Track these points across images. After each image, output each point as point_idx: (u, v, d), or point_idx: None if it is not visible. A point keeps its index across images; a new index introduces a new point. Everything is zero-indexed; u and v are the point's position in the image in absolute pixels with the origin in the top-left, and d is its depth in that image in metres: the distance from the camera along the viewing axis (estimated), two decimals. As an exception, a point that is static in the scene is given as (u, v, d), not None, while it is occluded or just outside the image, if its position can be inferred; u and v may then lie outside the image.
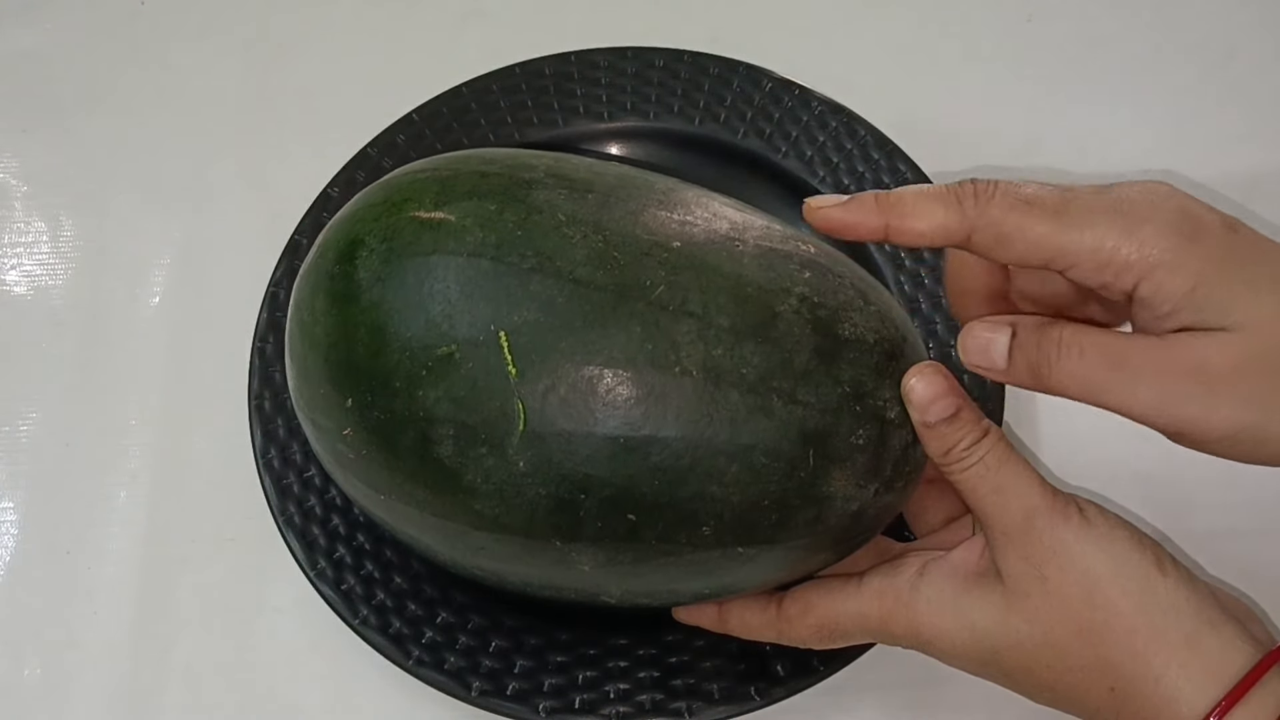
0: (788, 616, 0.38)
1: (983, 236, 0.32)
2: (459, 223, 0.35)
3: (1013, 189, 0.32)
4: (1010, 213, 0.31)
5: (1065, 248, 0.31)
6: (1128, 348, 0.32)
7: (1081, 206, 0.31)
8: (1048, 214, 0.31)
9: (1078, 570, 0.33)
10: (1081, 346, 0.32)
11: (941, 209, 0.32)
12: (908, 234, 0.33)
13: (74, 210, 0.57)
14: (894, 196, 0.33)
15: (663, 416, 0.33)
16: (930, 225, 0.32)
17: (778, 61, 0.55)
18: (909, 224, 0.33)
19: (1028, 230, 0.31)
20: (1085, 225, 0.31)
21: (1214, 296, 0.30)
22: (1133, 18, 0.62)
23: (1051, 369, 0.32)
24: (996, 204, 0.32)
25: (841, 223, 0.34)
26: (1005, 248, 0.32)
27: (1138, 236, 0.31)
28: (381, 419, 0.35)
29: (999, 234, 0.32)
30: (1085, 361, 0.32)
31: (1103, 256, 0.31)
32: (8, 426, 0.52)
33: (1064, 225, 0.31)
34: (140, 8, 0.62)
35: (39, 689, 0.47)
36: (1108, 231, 0.31)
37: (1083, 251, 0.31)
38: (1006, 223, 0.31)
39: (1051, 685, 0.34)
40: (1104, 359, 0.32)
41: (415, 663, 0.42)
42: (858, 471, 0.34)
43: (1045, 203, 0.31)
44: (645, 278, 0.34)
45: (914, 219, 0.32)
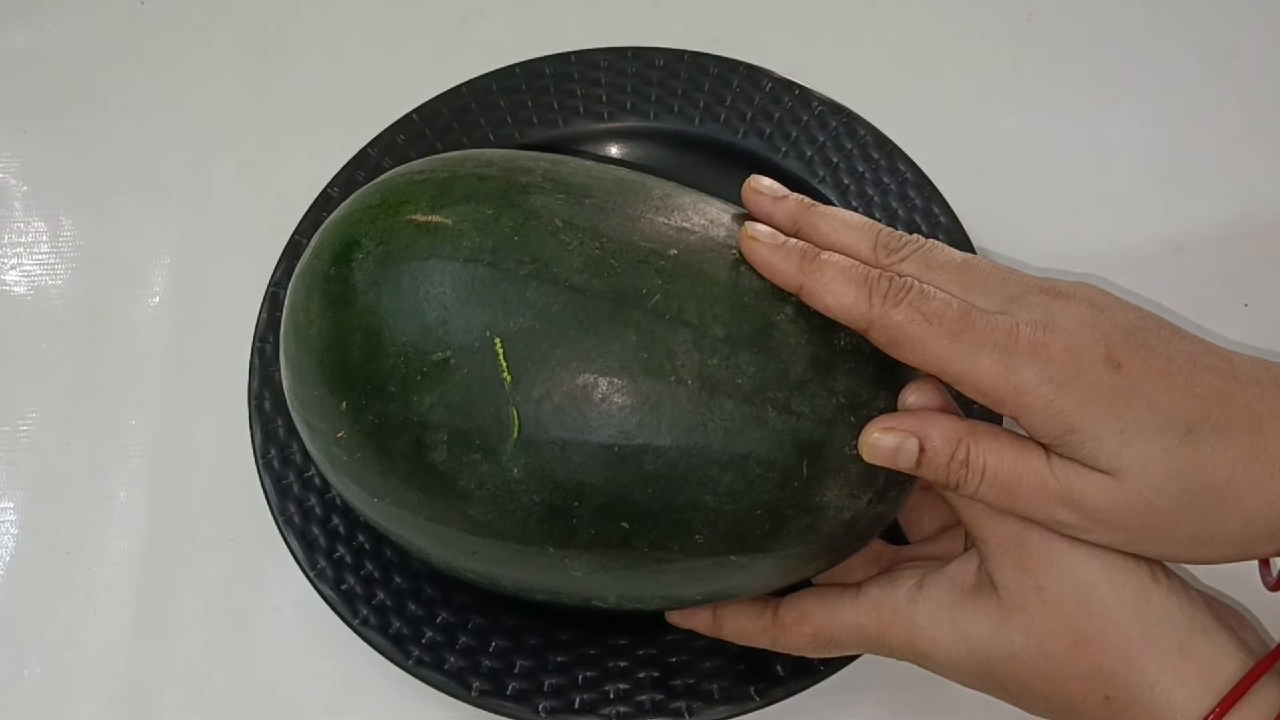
0: (783, 624, 0.38)
1: (878, 335, 0.33)
2: (455, 227, 0.35)
3: (920, 300, 0.33)
4: (909, 325, 0.33)
5: (950, 372, 0.33)
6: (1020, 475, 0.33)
7: (973, 338, 0.32)
8: (942, 336, 0.32)
9: (1073, 580, 0.33)
10: (982, 472, 0.33)
11: (853, 295, 0.33)
12: (815, 302, 0.34)
13: (74, 210, 0.57)
14: (819, 262, 0.34)
15: (657, 425, 0.33)
16: (837, 305, 0.34)
17: (778, 61, 0.55)
18: (819, 296, 0.34)
19: (918, 346, 0.33)
20: (971, 357, 0.32)
21: (1085, 444, 0.32)
22: (1133, 18, 0.62)
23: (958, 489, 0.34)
24: (901, 311, 0.33)
25: (766, 263, 0.34)
26: (895, 350, 0.33)
27: (1014, 379, 0.32)
28: (376, 423, 0.35)
29: (892, 338, 0.33)
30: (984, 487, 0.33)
31: (982, 389, 0.32)
32: (8, 426, 0.52)
33: (952, 353, 0.32)
34: (140, 8, 0.62)
35: (39, 689, 0.47)
36: (990, 368, 0.32)
37: (964, 379, 0.33)
38: (903, 332, 0.33)
39: (1048, 696, 0.34)
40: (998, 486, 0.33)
41: (415, 663, 0.42)
42: (851, 482, 0.34)
43: (943, 324, 0.32)
44: (642, 285, 0.34)
45: (825, 294, 0.34)
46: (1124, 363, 0.32)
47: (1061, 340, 0.32)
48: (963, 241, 0.51)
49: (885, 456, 0.34)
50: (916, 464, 0.34)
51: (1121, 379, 0.32)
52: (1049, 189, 0.57)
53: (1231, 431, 0.31)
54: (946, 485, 0.34)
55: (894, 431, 0.34)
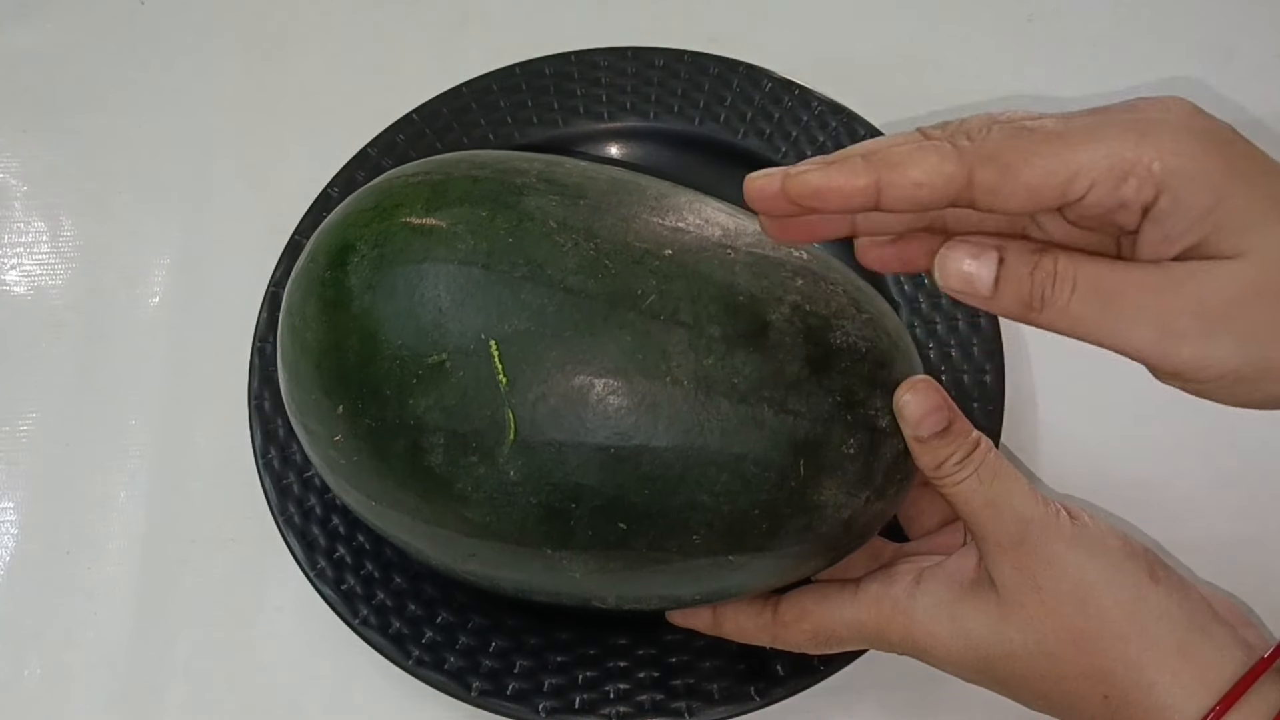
0: (783, 621, 0.38)
1: (985, 174, 0.28)
2: (450, 229, 0.35)
3: (1008, 120, 0.29)
4: (1012, 141, 0.28)
5: (1080, 165, 0.27)
6: (1124, 282, 0.29)
7: (1086, 123, 0.28)
8: (1052, 137, 0.28)
9: (1071, 580, 0.33)
10: (1075, 281, 0.29)
11: (935, 154, 0.28)
12: (902, 187, 0.28)
13: (74, 210, 0.57)
14: (880, 149, 0.29)
15: (653, 426, 0.33)
16: (926, 172, 0.28)
17: (778, 61, 0.55)
18: (903, 180, 0.28)
19: (1034, 156, 0.28)
20: (1096, 139, 0.28)
21: (1233, 217, 0.28)
22: (1133, 18, 0.62)
23: (1044, 305, 0.29)
24: (994, 137, 0.28)
25: (825, 187, 0.28)
26: (1011, 181, 0.28)
27: (1154, 142, 0.27)
28: (372, 426, 0.35)
29: (1004, 166, 0.28)
30: (1078, 298, 0.29)
31: (1122, 167, 0.27)
32: (8, 426, 0.52)
33: (1073, 144, 0.28)
34: (140, 8, 0.62)
35: (39, 689, 0.47)
36: (1122, 141, 0.27)
37: (1099, 166, 0.27)
38: (1010, 152, 0.28)
39: (1046, 694, 0.34)
40: (1098, 296, 0.29)
41: (415, 663, 0.42)
42: (849, 480, 0.34)
43: (1047, 127, 0.28)
44: (637, 286, 0.34)
45: (907, 167, 0.28)
46: (1243, 141, 0.29)
47: (1187, 107, 0.28)
48: (963, 241, 0.51)
49: (959, 275, 0.30)
50: (996, 279, 0.29)
51: (1246, 155, 0.28)
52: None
53: None
54: (1030, 304, 0.29)
55: (968, 243, 0.30)
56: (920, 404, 0.34)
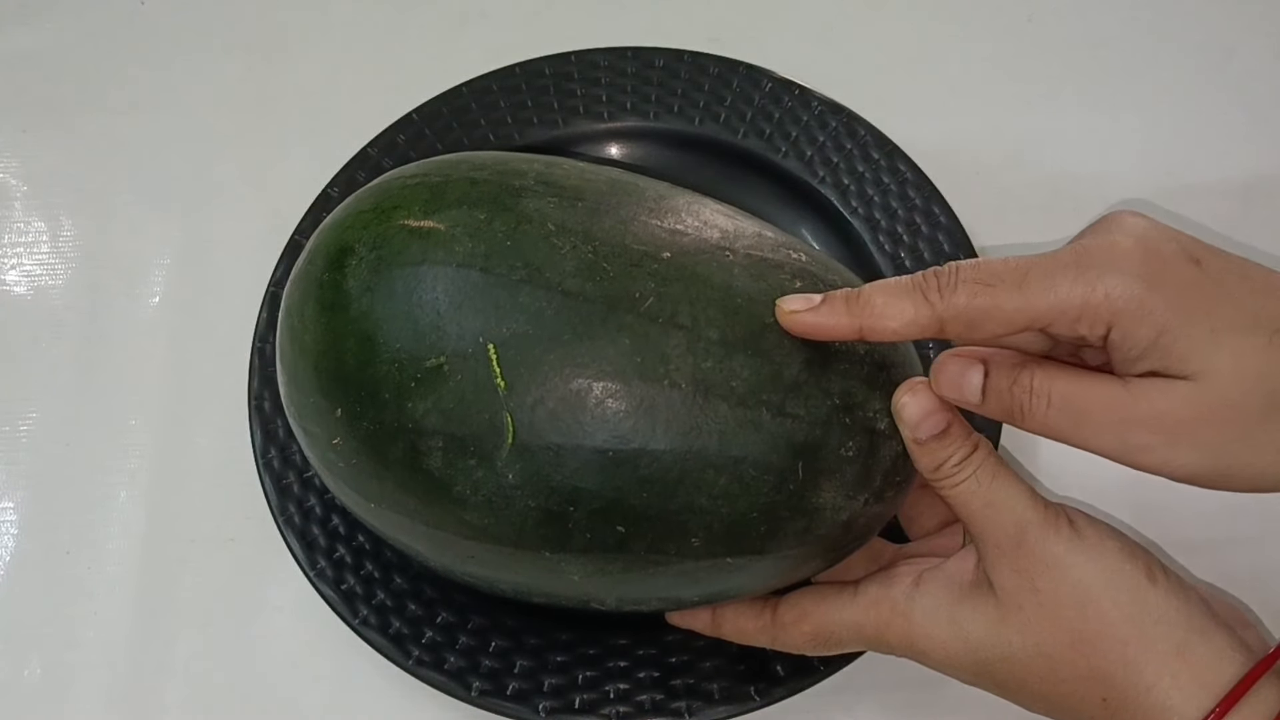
0: (782, 623, 0.38)
1: (954, 325, 0.32)
2: (448, 232, 0.35)
3: (974, 273, 0.32)
4: (976, 299, 0.32)
5: (1037, 312, 0.32)
6: (1091, 399, 0.32)
7: (1042, 271, 0.32)
8: (1011, 288, 0.32)
9: (1069, 582, 0.33)
10: (1049, 397, 0.32)
11: (911, 306, 0.33)
12: (882, 334, 0.33)
13: (74, 210, 0.57)
14: (863, 298, 0.33)
15: (652, 429, 0.33)
16: (902, 323, 0.33)
17: (778, 61, 0.55)
18: (881, 324, 0.33)
19: (995, 311, 0.32)
20: (1050, 287, 0.31)
21: (1176, 345, 0.31)
22: (1133, 18, 0.62)
23: (1024, 417, 0.33)
24: (961, 293, 0.32)
25: (815, 326, 0.34)
26: (978, 330, 0.32)
27: (1102, 287, 0.31)
28: (370, 429, 0.35)
29: (969, 321, 0.32)
30: (1053, 412, 0.32)
31: (1073, 312, 0.31)
32: (8, 426, 0.52)
33: (1030, 293, 0.31)
34: (140, 8, 0.62)
35: (39, 689, 0.47)
36: (1073, 288, 0.31)
37: (1053, 311, 0.31)
38: (974, 308, 0.32)
39: (1045, 696, 0.34)
40: (1070, 412, 0.32)
41: (415, 663, 0.42)
42: (847, 483, 0.34)
43: (1008, 278, 0.32)
44: (635, 289, 0.34)
45: (886, 319, 0.33)
46: (1201, 259, 0.32)
47: (1133, 242, 0.31)
48: (963, 241, 0.51)
49: (951, 386, 0.34)
50: (982, 390, 0.33)
51: (1205, 275, 0.31)
52: (1049, 189, 0.57)
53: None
54: (1012, 414, 0.33)
55: (959, 359, 0.34)
56: (919, 406, 0.34)
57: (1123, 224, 0.32)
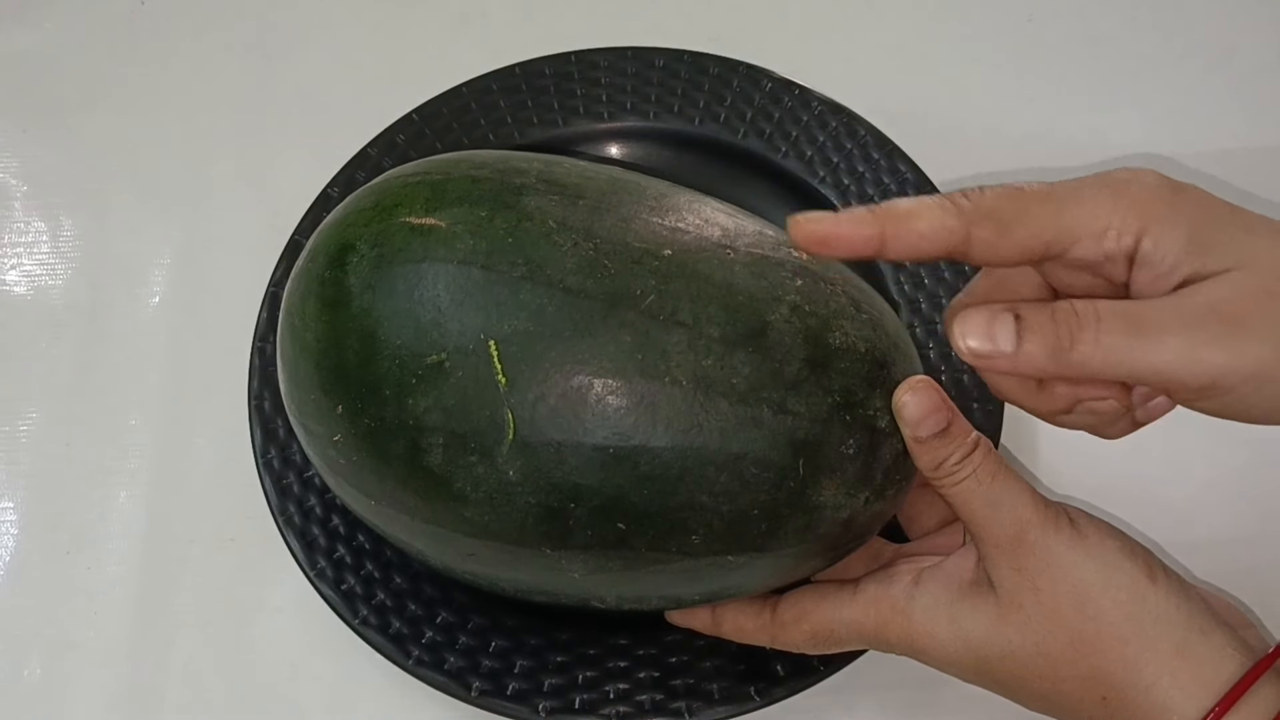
0: (782, 622, 0.38)
1: (983, 229, 0.31)
2: (449, 229, 0.35)
3: (999, 186, 0.32)
4: (1005, 200, 0.31)
5: (1065, 223, 0.31)
6: (1143, 307, 0.31)
7: (1068, 187, 0.32)
8: (1040, 198, 0.32)
9: (1069, 581, 0.33)
10: (1098, 314, 0.31)
11: (938, 210, 0.31)
12: (907, 238, 0.31)
13: (74, 210, 0.57)
14: (887, 205, 0.32)
15: (652, 426, 0.33)
16: (929, 225, 0.31)
17: (778, 61, 0.55)
18: (908, 226, 0.31)
19: (1024, 217, 0.31)
20: (1078, 200, 0.31)
21: (1213, 241, 0.31)
22: (1133, 17, 0.62)
23: (1074, 343, 0.31)
24: (989, 197, 0.31)
25: (834, 235, 0.31)
26: (1007, 237, 0.31)
27: (1127, 198, 0.31)
28: (371, 426, 0.35)
29: (999, 222, 0.31)
30: (1104, 328, 0.30)
31: (1101, 223, 0.31)
32: (8, 426, 0.52)
33: (1058, 205, 0.31)
34: (140, 8, 0.62)
35: (39, 689, 0.47)
36: (1100, 201, 0.31)
37: (1081, 223, 0.31)
38: (1004, 210, 0.31)
39: (1045, 694, 0.34)
40: (1123, 322, 0.30)
41: (415, 663, 0.42)
42: (848, 480, 0.34)
43: (1035, 191, 0.32)
44: (636, 286, 0.34)
45: (913, 220, 0.31)
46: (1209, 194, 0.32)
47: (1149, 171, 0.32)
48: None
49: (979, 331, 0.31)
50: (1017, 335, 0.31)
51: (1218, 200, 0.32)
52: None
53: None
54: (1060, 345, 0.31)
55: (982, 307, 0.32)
56: (919, 404, 0.34)
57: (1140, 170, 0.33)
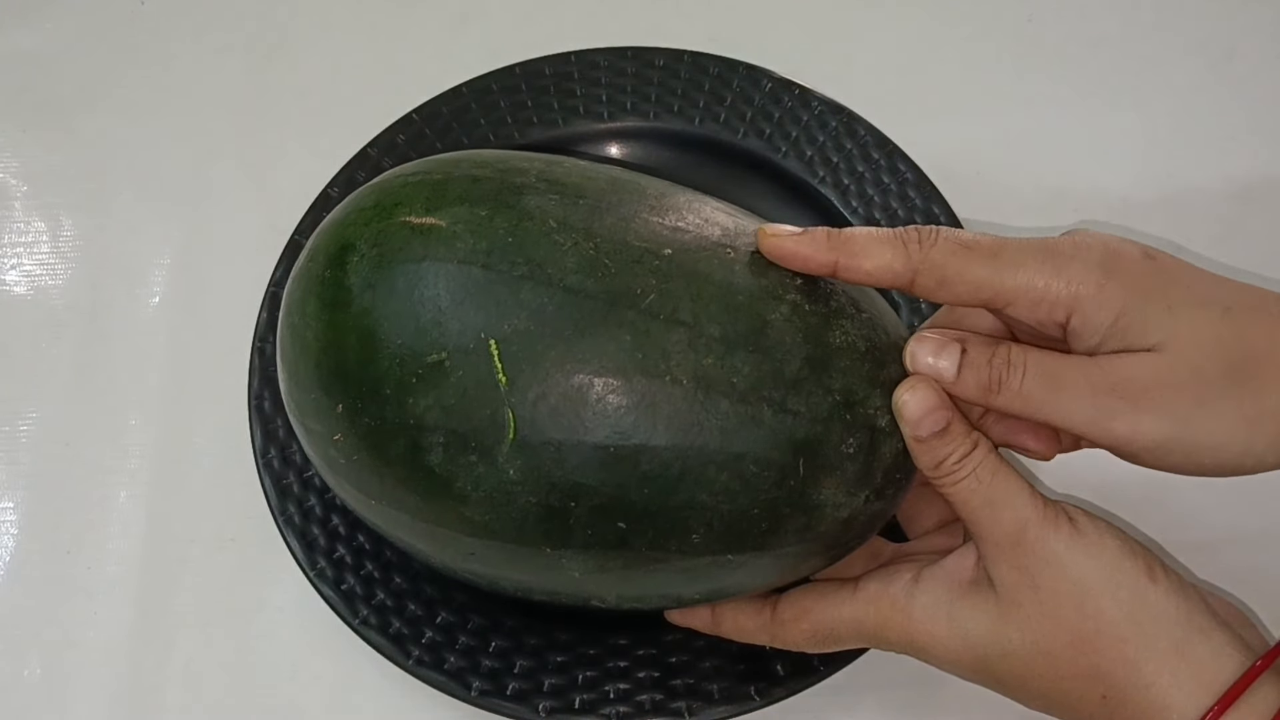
0: (782, 620, 0.38)
1: (925, 279, 0.34)
2: (450, 228, 0.35)
3: (953, 236, 0.34)
4: (952, 257, 0.33)
5: (1002, 287, 0.33)
6: (1064, 367, 0.34)
7: (1014, 251, 0.34)
8: (985, 258, 0.33)
9: (1069, 580, 0.33)
10: (1025, 367, 0.34)
11: (889, 251, 0.34)
12: (855, 272, 0.34)
13: (74, 210, 0.57)
14: (845, 235, 0.34)
15: (653, 425, 0.33)
16: (877, 265, 0.34)
17: (778, 61, 0.55)
18: (857, 262, 0.34)
19: (967, 273, 0.33)
20: (1019, 266, 0.33)
21: (1135, 323, 0.33)
22: (1133, 18, 0.62)
23: (1000, 388, 0.34)
24: (939, 249, 0.33)
25: (793, 253, 0.35)
26: (946, 289, 0.34)
27: (1065, 274, 0.33)
28: (372, 425, 0.35)
29: (941, 277, 0.34)
30: (1028, 380, 0.34)
31: (1035, 294, 0.33)
32: (8, 426, 0.52)
33: (1000, 267, 0.33)
34: (140, 8, 0.62)
35: (39, 689, 0.47)
36: (1039, 271, 0.33)
37: (1018, 290, 0.33)
38: (948, 266, 0.33)
39: (1044, 693, 0.34)
40: (1045, 379, 0.34)
41: (415, 663, 0.42)
42: (848, 480, 0.34)
43: (982, 248, 0.34)
44: (636, 286, 0.34)
45: (862, 258, 0.34)
46: (1157, 258, 0.34)
47: (1096, 241, 0.34)
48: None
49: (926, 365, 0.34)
50: (959, 366, 0.34)
51: (1159, 268, 0.34)
52: (1049, 189, 0.57)
53: (1264, 313, 0.33)
54: (989, 387, 0.34)
55: (936, 336, 0.35)
56: (919, 403, 0.34)
57: (1086, 231, 0.35)
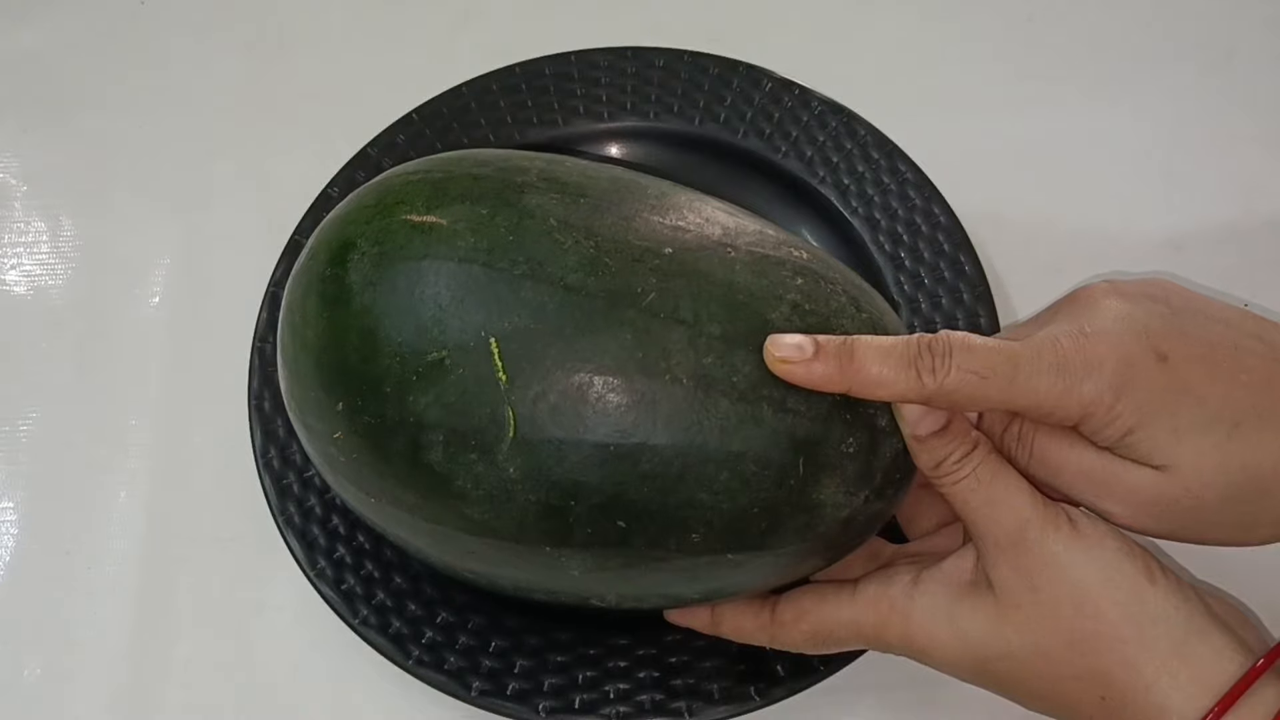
0: (781, 621, 0.38)
1: (939, 403, 0.34)
2: (451, 227, 0.35)
3: (966, 359, 0.33)
4: (966, 388, 0.33)
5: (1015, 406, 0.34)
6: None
7: (1028, 373, 0.33)
8: (1000, 383, 0.33)
9: (1068, 581, 0.33)
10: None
11: (903, 381, 0.33)
12: (868, 397, 0.34)
13: (74, 210, 0.57)
14: (857, 360, 0.34)
15: (653, 424, 0.33)
16: (891, 394, 0.34)
17: (778, 61, 0.55)
18: (871, 392, 0.34)
19: (981, 401, 0.34)
20: (1032, 390, 0.33)
21: (1142, 443, 0.33)
22: (1133, 18, 0.62)
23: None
24: (952, 379, 0.33)
25: (806, 379, 0.34)
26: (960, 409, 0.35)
27: (1077, 394, 0.33)
28: (372, 423, 0.35)
29: (955, 404, 0.34)
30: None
31: (1046, 410, 0.34)
32: (8, 426, 0.52)
33: (1014, 393, 0.33)
34: (140, 8, 0.62)
35: (39, 689, 0.47)
36: (1052, 391, 0.33)
37: (1031, 410, 0.34)
38: (960, 394, 0.33)
39: (1044, 694, 0.34)
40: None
41: (415, 663, 0.42)
42: (848, 479, 0.34)
43: (996, 375, 0.33)
44: (636, 284, 0.34)
45: (876, 388, 0.33)
46: (1169, 353, 0.34)
47: (1106, 344, 0.34)
48: (962, 241, 0.51)
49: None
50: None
51: (1170, 374, 0.34)
52: (1049, 189, 0.57)
53: (1275, 420, 0.34)
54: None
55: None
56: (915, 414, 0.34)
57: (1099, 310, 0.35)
